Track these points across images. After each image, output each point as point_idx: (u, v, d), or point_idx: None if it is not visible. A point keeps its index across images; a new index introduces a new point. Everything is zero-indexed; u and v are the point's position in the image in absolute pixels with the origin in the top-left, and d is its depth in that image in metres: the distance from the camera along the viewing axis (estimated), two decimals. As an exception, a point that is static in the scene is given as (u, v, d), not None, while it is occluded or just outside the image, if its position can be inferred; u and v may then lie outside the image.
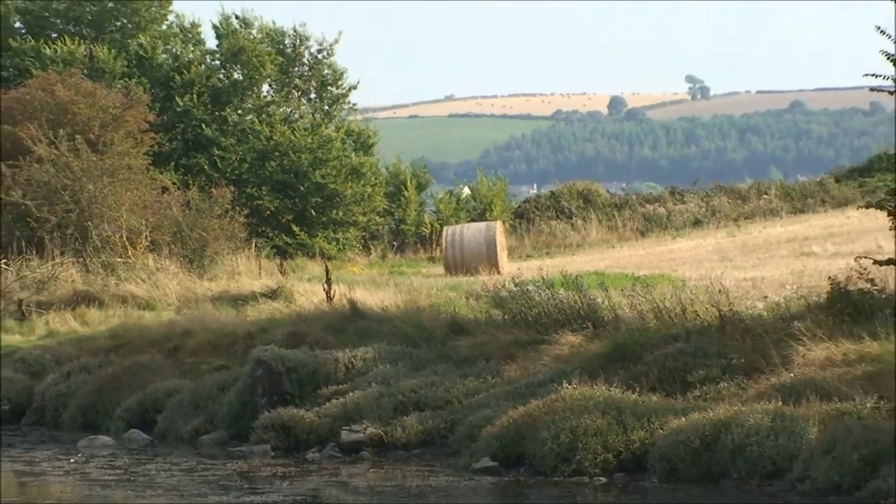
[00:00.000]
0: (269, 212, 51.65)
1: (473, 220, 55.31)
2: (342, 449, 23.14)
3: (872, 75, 24.11)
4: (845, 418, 18.95)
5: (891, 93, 24.34)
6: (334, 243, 52.75)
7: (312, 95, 56.72)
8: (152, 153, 45.33)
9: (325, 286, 31.65)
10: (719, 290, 25.57)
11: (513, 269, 43.67)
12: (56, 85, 44.46)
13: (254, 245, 44.36)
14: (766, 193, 65.28)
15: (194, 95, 52.82)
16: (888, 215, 24.62)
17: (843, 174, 67.59)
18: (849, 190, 61.66)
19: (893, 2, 23.69)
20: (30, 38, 53.45)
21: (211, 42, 56.11)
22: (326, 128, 55.41)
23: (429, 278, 42.00)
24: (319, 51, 56.32)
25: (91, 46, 52.29)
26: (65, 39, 52.53)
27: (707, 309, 24.23)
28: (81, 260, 37.92)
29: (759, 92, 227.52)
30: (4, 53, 52.02)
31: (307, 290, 32.93)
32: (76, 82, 45.38)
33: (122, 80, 49.71)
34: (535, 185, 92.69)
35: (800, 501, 18.34)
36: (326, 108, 56.65)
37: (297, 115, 55.74)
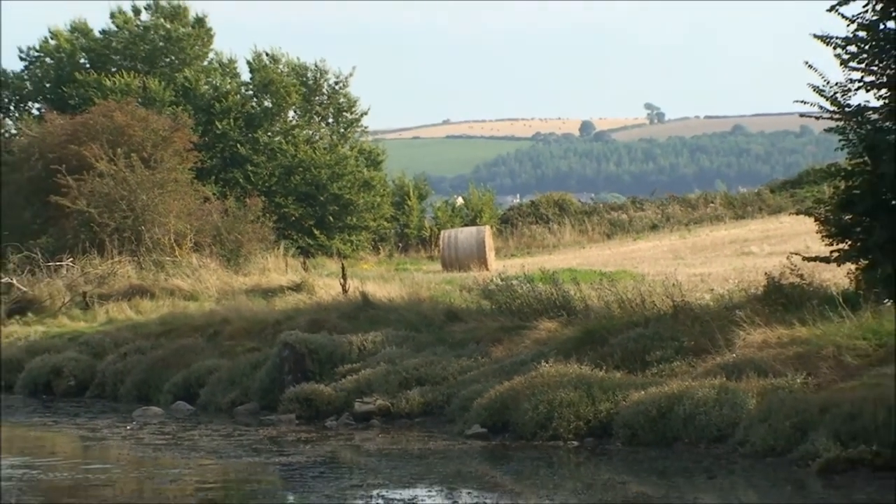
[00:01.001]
0: (293, 218, 51.61)
1: (466, 225, 55.23)
2: (355, 418, 23.17)
3: (801, 102, 24.14)
4: (779, 392, 19.00)
5: (817, 118, 24.39)
6: (349, 244, 52.74)
7: (330, 120, 56.68)
8: (196, 168, 45.30)
9: (341, 281, 31.66)
10: (673, 284, 25.59)
11: (499, 266, 43.71)
12: (115, 111, 44.43)
13: (281, 246, 44.37)
14: (712, 202, 65.25)
15: (231, 120, 52.82)
16: (815, 220, 24.65)
17: (777, 186, 67.55)
18: (782, 199, 61.64)
19: (821, 42, 23.74)
20: (93, 71, 53.37)
21: (245, 75, 56.21)
22: (342, 147, 55.37)
23: (428, 274, 41.99)
24: (336, 82, 56.36)
25: (144, 79, 52.27)
26: (122, 73, 52.50)
27: (663, 300, 24.27)
28: (136, 259, 37.93)
29: (706, 117, 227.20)
30: (71, 85, 52.02)
31: (326, 284, 32.93)
32: (132, 109, 45.35)
33: (170, 108, 49.70)
34: (517, 196, 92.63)
35: (741, 462, 18.35)
36: (342, 130, 56.62)
37: (317, 137, 55.69)
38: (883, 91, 23.78)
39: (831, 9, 23.64)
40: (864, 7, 23.51)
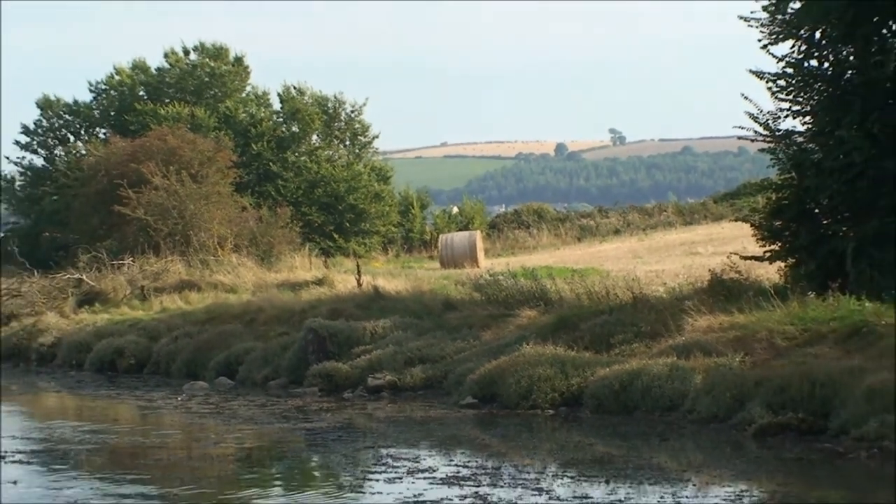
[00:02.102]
0: (316, 224, 51.52)
1: (461, 230, 55.24)
2: (368, 390, 23.17)
3: (740, 127, 24.18)
4: (721, 369, 19.02)
5: (752, 140, 24.42)
6: (362, 246, 52.67)
7: (347, 142, 56.55)
8: (235, 183, 45.22)
9: (356, 276, 31.66)
10: (633, 279, 25.61)
11: (488, 264, 43.68)
12: (168, 135, 44.40)
13: (306, 247, 44.32)
14: (665, 211, 65.20)
15: (264, 142, 52.75)
16: (751, 226, 24.70)
17: (719, 197, 67.52)
18: (723, 208, 61.58)
19: (756, 77, 23.77)
20: (150, 102, 53.32)
21: (276, 105, 56.01)
22: (357, 165, 55.28)
23: (429, 271, 42.02)
24: (352, 111, 56.23)
25: (192, 108, 52.18)
26: (174, 103, 52.41)
27: (624, 292, 24.27)
28: (185, 258, 37.90)
29: (660, 140, 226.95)
30: (132, 113, 52.02)
31: (343, 279, 32.93)
32: (182, 133, 45.31)
33: (213, 132, 49.62)
34: (503, 205, 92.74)
35: (689, 427, 18.38)
36: (357, 151, 56.52)
37: (336, 157, 55.58)
38: (807, 118, 23.85)
39: (764, 47, 23.71)
40: (790, 48, 23.58)
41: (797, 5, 23.31)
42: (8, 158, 55.84)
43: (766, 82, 23.67)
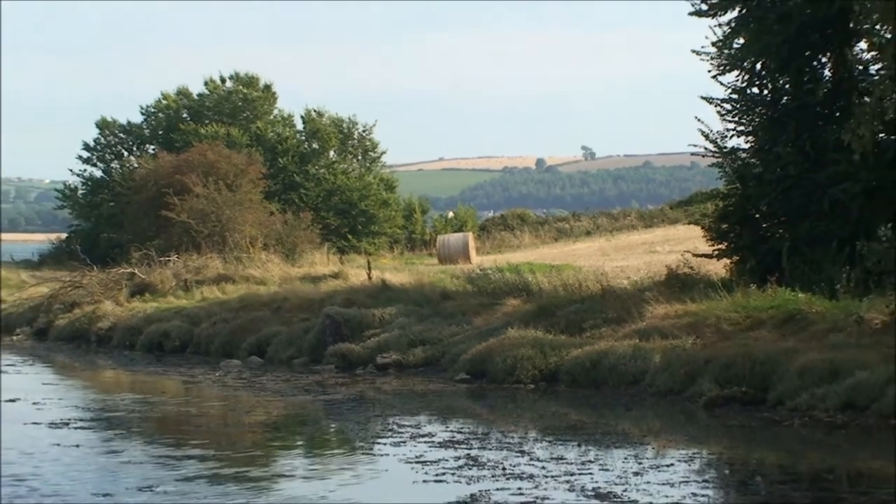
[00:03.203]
0: (333, 226, 51.44)
1: (455, 232, 55.21)
2: (377, 368, 23.15)
3: (693, 145, 24.22)
4: (675, 349, 19.02)
5: (703, 156, 24.44)
6: (372, 245, 52.59)
7: (359, 157, 56.49)
8: (264, 191, 45.15)
9: (367, 271, 31.65)
10: (601, 273, 25.65)
11: (479, 260, 43.68)
12: (207, 151, 44.34)
13: (325, 246, 44.28)
14: (628, 216, 65.09)
15: (289, 157, 52.71)
16: (701, 228, 24.75)
17: (674, 204, 67.39)
18: (678, 213, 61.46)
19: (706, 101, 23.80)
20: (192, 123, 53.30)
21: (299, 125, 56.01)
22: (367, 176, 55.24)
23: (428, 266, 41.99)
24: (363, 131, 56.17)
25: (228, 128, 52.13)
26: (212, 124, 52.39)
27: (594, 284, 24.29)
28: (222, 255, 37.79)
29: (625, 155, 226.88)
30: (177, 132, 51.99)
31: (356, 273, 32.90)
32: (219, 149, 45.25)
33: (246, 148, 49.51)
34: (492, 211, 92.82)
35: (649, 399, 18.38)
36: (367, 164, 56.46)
37: (350, 169, 55.50)
38: (749, 137, 23.92)
39: (713, 77, 23.75)
40: (735, 78, 23.62)
41: (741, 42, 23.38)
42: (72, 171, 55.77)
43: (715, 106, 23.73)
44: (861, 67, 22.83)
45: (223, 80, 56.59)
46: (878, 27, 17.36)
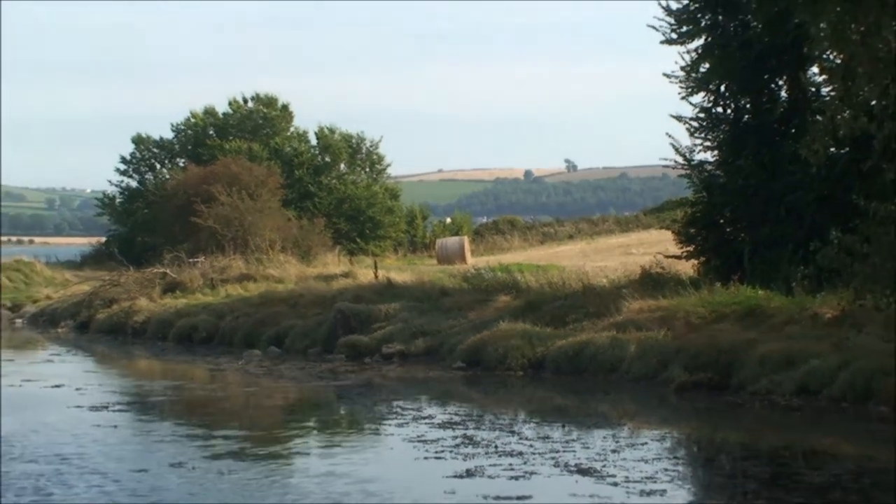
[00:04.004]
0: (343, 231, 51.32)
1: (453, 235, 55.17)
2: (383, 357, 23.09)
3: (665, 158, 24.26)
4: (649, 340, 19.02)
5: (674, 168, 24.45)
6: (378, 247, 52.49)
7: (367, 169, 56.38)
8: (282, 200, 45.10)
9: (374, 270, 31.63)
10: (582, 273, 25.61)
11: (473, 261, 43.64)
12: (231, 164, 44.33)
13: (336, 249, 44.20)
14: (607, 221, 65.11)
15: (304, 169, 52.63)
16: (672, 233, 24.75)
17: (648, 211, 67.36)
18: (651, 219, 61.37)
19: (676, 120, 23.81)
20: (217, 139, 53.23)
21: (313, 140, 55.90)
22: (374, 186, 55.12)
23: (429, 266, 41.98)
24: (371, 146, 56.05)
25: (249, 144, 52.06)
26: (236, 140, 52.36)
27: (576, 282, 24.25)
28: (244, 256, 37.68)
29: (604, 167, 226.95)
30: (204, 147, 51.95)
31: (364, 272, 32.84)
32: (241, 162, 45.24)
33: (266, 162, 49.43)
34: (485, 217, 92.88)
35: (626, 385, 18.37)
36: (374, 176, 56.32)
37: (358, 180, 55.43)
38: (714, 151, 23.92)
39: (682, 98, 23.77)
40: (702, 98, 23.64)
41: (706, 67, 23.41)
42: (110, 181, 55.74)
43: (684, 124, 23.75)
44: (814, 89, 22.87)
45: (245, 101, 56.55)
46: (828, 53, 17.39)
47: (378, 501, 10.93)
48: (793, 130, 22.36)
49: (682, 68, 23.48)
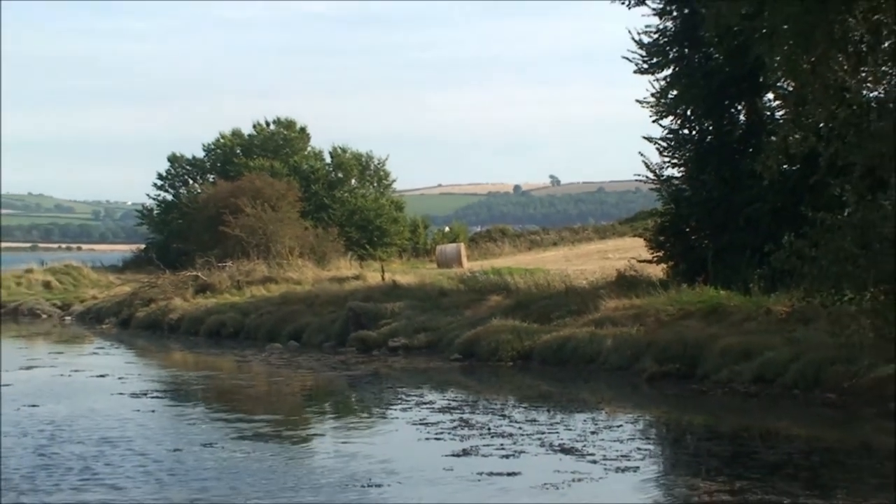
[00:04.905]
0: (354, 238, 51.15)
1: (451, 243, 55.13)
2: (389, 350, 23.05)
3: (638, 174, 24.26)
4: (624, 335, 19.01)
5: (645, 182, 24.45)
6: (385, 253, 52.34)
7: (375, 184, 56.34)
8: (300, 211, 45.04)
9: (381, 274, 31.61)
10: (565, 275, 25.63)
11: (469, 266, 43.58)
12: (255, 180, 44.28)
13: (348, 254, 44.10)
14: (587, 230, 64.97)
15: (320, 184, 52.61)
16: (644, 240, 24.73)
17: (623, 221, 67.17)
18: (625, 228, 61.15)
19: (647, 140, 23.82)
20: (243, 157, 53.22)
21: (327, 159, 55.83)
22: (381, 199, 55.11)
23: (429, 270, 41.93)
24: (378, 163, 56.03)
25: (271, 162, 52.06)
26: (260, 158, 52.33)
27: (559, 283, 24.25)
28: (267, 261, 37.60)
29: (584, 182, 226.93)
30: (231, 164, 51.98)
31: (373, 275, 32.83)
32: (264, 178, 45.18)
33: (286, 177, 49.39)
34: (479, 226, 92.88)
35: (603, 374, 18.35)
36: (381, 190, 56.26)
37: (367, 194, 55.39)
38: (681, 168, 23.91)
39: (654, 121, 23.78)
40: (670, 121, 23.65)
41: (674, 93, 23.43)
42: (148, 195, 55.72)
43: (654, 144, 23.74)
44: (769, 113, 22.89)
45: (268, 124, 56.55)
46: (782, 82, 17.44)
47: (397, 480, 10.90)
48: (750, 149, 22.36)
49: (653, 95, 23.51)
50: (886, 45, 11.87)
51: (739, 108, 23.32)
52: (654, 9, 23.25)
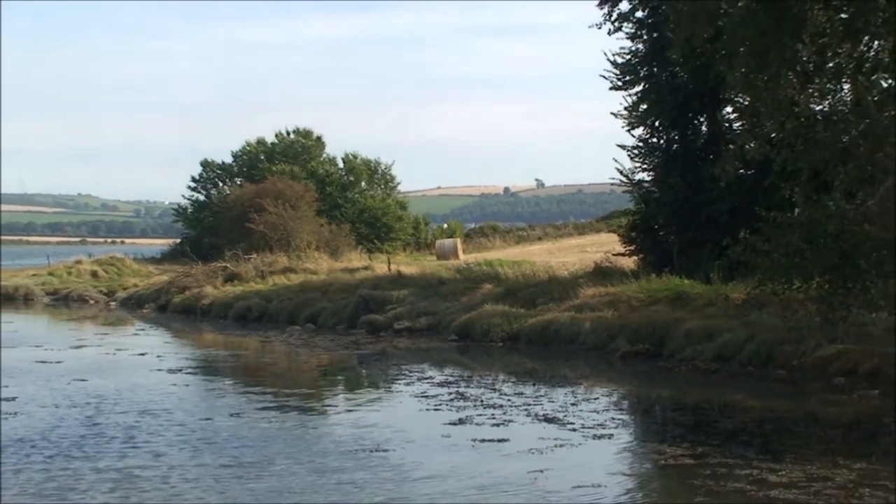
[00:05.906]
0: (364, 234, 51.12)
1: (448, 238, 55.09)
2: (394, 332, 23.04)
3: (612, 178, 24.23)
4: (600, 318, 19.02)
5: (619, 185, 24.43)
6: (391, 247, 52.20)
7: (382, 186, 56.31)
8: (316, 210, 45.00)
9: (388, 265, 31.56)
10: (549, 266, 25.61)
11: (465, 258, 43.59)
12: (278, 182, 44.27)
13: (358, 248, 44.04)
14: (567, 227, 64.96)
15: (334, 187, 52.57)
16: (618, 236, 24.72)
17: (600, 219, 67.19)
18: (602, 225, 61.31)
19: (621, 148, 23.79)
20: (266, 163, 53.17)
21: (340, 164, 55.75)
22: (387, 200, 55.05)
23: (430, 262, 41.91)
24: (385, 168, 55.99)
25: (291, 167, 51.96)
26: (281, 164, 52.21)
27: (544, 273, 24.23)
28: (287, 254, 37.55)
29: (566, 185, 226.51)
30: (256, 169, 51.80)
31: (380, 266, 32.78)
32: (285, 181, 45.18)
33: (304, 181, 49.32)
34: (473, 224, 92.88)
35: (582, 354, 18.34)
36: (388, 191, 56.25)
37: (375, 195, 55.34)
38: (651, 173, 23.89)
39: (627, 131, 23.76)
40: (642, 131, 23.63)
41: (644, 107, 23.41)
42: (183, 196, 55.71)
43: (627, 151, 23.74)
44: (727, 124, 22.89)
45: (288, 133, 56.50)
46: (739, 97, 17.45)
47: (401, 445, 10.89)
48: (711, 156, 22.35)
49: (626, 108, 23.50)
50: (831, 64, 11.89)
51: (702, 119, 23.32)
52: (627, 33, 23.27)
